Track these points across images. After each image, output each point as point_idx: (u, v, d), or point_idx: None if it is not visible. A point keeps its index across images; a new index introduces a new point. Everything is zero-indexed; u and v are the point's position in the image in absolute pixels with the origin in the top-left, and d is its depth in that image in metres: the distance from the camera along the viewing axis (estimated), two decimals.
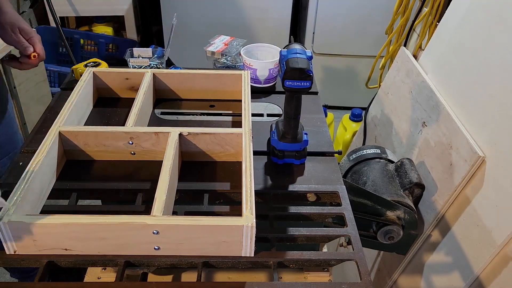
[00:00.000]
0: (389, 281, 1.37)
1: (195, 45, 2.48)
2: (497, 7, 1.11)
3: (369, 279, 0.70)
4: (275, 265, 0.72)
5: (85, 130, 0.88)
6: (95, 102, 1.10)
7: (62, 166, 0.89)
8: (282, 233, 0.77)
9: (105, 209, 0.81)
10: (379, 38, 2.07)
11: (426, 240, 1.22)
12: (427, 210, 1.20)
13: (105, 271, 0.96)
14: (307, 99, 1.13)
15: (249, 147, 0.84)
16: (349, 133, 2.14)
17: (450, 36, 1.28)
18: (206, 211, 0.82)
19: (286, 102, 0.89)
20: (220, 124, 1.06)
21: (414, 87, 1.36)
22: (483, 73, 1.11)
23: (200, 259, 0.71)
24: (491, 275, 1.01)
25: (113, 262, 0.71)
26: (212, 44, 1.34)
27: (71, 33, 2.41)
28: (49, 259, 0.70)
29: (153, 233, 0.68)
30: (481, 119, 1.09)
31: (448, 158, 1.14)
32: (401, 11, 1.66)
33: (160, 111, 1.10)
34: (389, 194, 1.08)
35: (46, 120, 1.03)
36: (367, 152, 1.23)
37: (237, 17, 2.46)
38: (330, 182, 0.90)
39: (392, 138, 1.47)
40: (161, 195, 0.73)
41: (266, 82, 1.19)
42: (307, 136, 0.93)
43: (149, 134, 0.88)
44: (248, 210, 0.70)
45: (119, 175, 0.88)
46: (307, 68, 0.83)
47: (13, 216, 0.67)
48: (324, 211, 0.83)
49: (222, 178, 0.88)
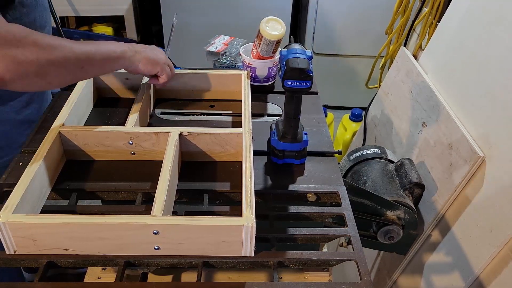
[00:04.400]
0: (389, 281, 1.37)
1: (195, 45, 2.49)
2: (497, 7, 1.11)
3: (369, 279, 0.70)
4: (275, 265, 0.72)
5: (85, 130, 0.88)
6: (95, 102, 1.10)
7: (62, 166, 0.89)
8: (282, 233, 0.77)
9: (105, 209, 0.81)
10: (379, 38, 2.07)
11: (426, 240, 1.22)
12: (427, 210, 1.20)
13: (105, 271, 0.96)
14: (307, 99, 1.13)
15: (249, 147, 0.84)
16: (349, 133, 2.14)
17: (450, 36, 1.28)
18: (206, 211, 0.81)
19: (286, 102, 0.89)
20: (220, 124, 1.06)
21: (414, 87, 1.36)
22: (483, 73, 1.11)
23: (200, 259, 0.71)
24: (491, 275, 1.01)
25: (113, 262, 0.71)
26: (212, 44, 1.35)
27: (71, 33, 2.41)
28: (49, 259, 0.70)
29: (153, 233, 0.68)
30: (481, 119, 1.09)
31: (448, 158, 1.14)
32: (401, 11, 1.66)
33: (160, 111, 1.09)
34: (389, 194, 1.08)
35: (46, 120, 1.03)
36: (367, 152, 1.23)
37: (237, 17, 2.46)
38: (330, 182, 0.90)
39: (392, 138, 1.47)
40: (161, 195, 0.73)
41: (265, 80, 1.19)
42: (307, 136, 0.93)
43: (149, 134, 0.88)
44: (248, 210, 0.70)
45: (119, 175, 0.88)
46: (307, 68, 0.83)
47: (13, 216, 0.67)
48: (324, 211, 0.83)
49: (222, 178, 0.88)
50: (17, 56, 0.66)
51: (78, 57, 0.77)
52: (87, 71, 0.82)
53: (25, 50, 0.67)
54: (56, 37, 0.75)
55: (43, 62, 0.70)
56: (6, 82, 0.67)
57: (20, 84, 0.69)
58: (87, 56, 0.79)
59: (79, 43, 0.79)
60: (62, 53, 0.74)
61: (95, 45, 0.83)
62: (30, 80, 0.70)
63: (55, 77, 0.74)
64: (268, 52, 1.14)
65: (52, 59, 0.72)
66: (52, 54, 0.72)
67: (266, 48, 1.12)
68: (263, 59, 1.15)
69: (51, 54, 0.72)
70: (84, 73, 0.82)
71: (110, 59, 0.86)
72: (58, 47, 0.74)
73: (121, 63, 0.89)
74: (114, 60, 0.87)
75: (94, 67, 0.83)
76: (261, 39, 1.11)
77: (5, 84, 0.68)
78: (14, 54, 0.66)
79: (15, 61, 0.66)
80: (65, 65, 0.75)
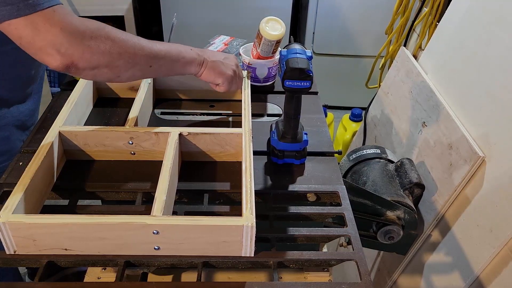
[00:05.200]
0: (389, 281, 1.37)
1: (195, 45, 2.48)
2: (497, 7, 1.11)
3: (369, 279, 0.70)
4: (275, 265, 0.72)
5: (85, 130, 0.88)
6: (95, 102, 1.10)
7: (62, 166, 0.89)
8: (282, 233, 0.77)
9: (105, 209, 0.81)
10: (379, 38, 2.07)
11: (426, 240, 1.22)
12: (427, 210, 1.20)
13: (105, 271, 0.96)
14: (307, 99, 1.13)
15: (249, 147, 0.84)
16: (349, 133, 2.14)
17: (450, 36, 1.28)
18: (206, 211, 0.82)
19: (286, 102, 0.89)
20: (220, 124, 1.06)
21: (414, 87, 1.36)
22: (483, 73, 1.11)
23: (200, 259, 0.71)
24: (491, 275, 1.01)
25: (113, 262, 0.71)
26: (212, 44, 1.34)
27: None
28: (49, 259, 0.70)
29: (153, 233, 0.68)
30: (481, 119, 1.09)
31: (448, 158, 1.14)
32: (401, 11, 1.66)
33: (160, 111, 1.10)
34: (389, 194, 1.08)
35: (46, 120, 1.03)
36: (367, 152, 1.23)
37: (237, 17, 2.46)
38: (330, 182, 0.90)
39: (392, 138, 1.47)
40: (161, 195, 0.73)
41: (265, 80, 1.19)
42: (307, 136, 0.93)
43: (149, 134, 0.88)
44: (248, 210, 0.70)
45: (119, 175, 0.88)
46: (307, 68, 0.83)
47: (13, 216, 0.67)
48: (324, 211, 0.83)
49: (222, 178, 0.88)
50: (91, 46, 0.72)
51: (147, 55, 0.80)
52: (155, 70, 0.84)
53: (98, 41, 0.73)
54: (127, 33, 0.79)
55: (114, 54, 0.75)
56: (79, 69, 0.73)
57: (91, 73, 0.75)
58: (156, 56, 0.82)
59: (151, 42, 0.82)
60: (132, 49, 0.78)
61: (166, 46, 0.85)
62: (101, 70, 0.75)
63: (124, 71, 0.78)
64: (268, 52, 1.14)
65: (122, 52, 0.76)
66: (122, 48, 0.76)
67: (266, 48, 1.12)
68: (263, 59, 1.15)
69: (122, 48, 0.76)
70: (153, 71, 0.84)
71: (179, 64, 0.88)
72: (129, 42, 0.78)
73: (188, 69, 0.90)
74: (182, 65, 0.89)
75: (162, 68, 0.85)
76: (261, 39, 1.11)
77: (78, 71, 0.73)
78: (89, 44, 0.72)
79: (89, 51, 0.72)
80: (134, 60, 0.78)
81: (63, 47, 0.69)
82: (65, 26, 0.69)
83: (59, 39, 0.69)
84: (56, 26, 0.69)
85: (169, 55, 0.85)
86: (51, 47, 0.69)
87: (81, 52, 0.71)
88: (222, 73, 0.94)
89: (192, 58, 0.90)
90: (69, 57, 0.70)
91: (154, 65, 0.82)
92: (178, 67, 0.88)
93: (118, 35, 0.76)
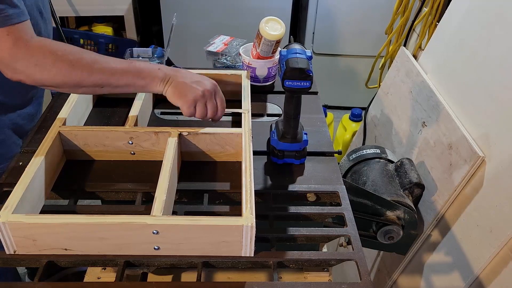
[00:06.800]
0: (389, 281, 1.37)
1: (195, 45, 2.49)
2: (497, 7, 1.11)
3: (369, 279, 0.70)
4: (275, 265, 0.72)
5: (85, 130, 0.88)
6: (95, 102, 1.10)
7: (62, 166, 0.89)
8: (282, 233, 0.77)
9: (105, 209, 0.81)
10: (379, 38, 2.07)
11: (426, 240, 1.22)
12: (427, 210, 1.20)
13: (105, 271, 0.96)
14: (307, 99, 1.13)
15: (249, 147, 0.84)
16: (349, 133, 2.14)
17: (450, 36, 1.28)
18: (206, 211, 0.81)
19: (286, 102, 0.89)
20: (220, 124, 1.06)
21: (414, 87, 1.36)
22: (483, 73, 1.11)
23: (200, 259, 0.71)
24: (491, 275, 1.01)
25: (113, 262, 0.71)
26: (212, 44, 1.35)
27: (71, 33, 2.41)
28: (49, 259, 0.70)
29: (153, 233, 0.68)
30: (481, 119, 1.09)
31: (448, 158, 1.14)
32: (401, 11, 1.66)
33: (160, 111, 1.09)
34: (389, 194, 1.08)
35: (46, 120, 1.03)
36: (367, 152, 1.23)
37: (237, 17, 2.46)
38: (330, 182, 0.90)
39: (392, 138, 1.47)
40: (161, 195, 0.73)
41: (265, 80, 1.19)
42: (307, 136, 0.93)
43: (149, 134, 0.88)
44: (248, 210, 0.70)
45: (119, 175, 0.88)
46: (307, 68, 0.83)
47: (13, 216, 0.67)
48: (324, 211, 0.83)
49: (222, 178, 0.88)
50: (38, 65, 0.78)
51: (102, 69, 0.81)
52: (113, 85, 0.83)
53: (48, 59, 0.78)
54: (89, 51, 0.83)
55: (64, 71, 0.79)
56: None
57: (50, 87, 0.83)
58: (113, 72, 0.82)
59: (111, 59, 0.83)
60: (87, 67, 0.80)
61: (126, 64, 0.84)
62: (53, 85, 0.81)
63: (78, 87, 0.82)
64: (267, 52, 1.13)
65: (74, 67, 0.79)
66: (73, 64, 0.79)
67: (265, 48, 1.12)
68: (263, 59, 1.15)
69: (72, 65, 0.79)
70: (111, 87, 0.83)
71: (138, 79, 0.84)
72: (84, 60, 0.80)
73: (150, 86, 0.85)
74: (143, 82, 0.84)
75: (119, 82, 0.83)
76: (261, 39, 1.11)
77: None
78: (36, 63, 0.78)
79: (38, 70, 0.78)
80: (90, 75, 0.81)
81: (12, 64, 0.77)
82: (19, 44, 0.76)
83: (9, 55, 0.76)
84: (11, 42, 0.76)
85: (128, 71, 0.83)
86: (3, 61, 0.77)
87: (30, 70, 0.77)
88: (183, 95, 0.84)
89: (153, 76, 0.84)
90: (20, 73, 0.78)
91: (111, 79, 0.82)
92: (138, 84, 0.84)
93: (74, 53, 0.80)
